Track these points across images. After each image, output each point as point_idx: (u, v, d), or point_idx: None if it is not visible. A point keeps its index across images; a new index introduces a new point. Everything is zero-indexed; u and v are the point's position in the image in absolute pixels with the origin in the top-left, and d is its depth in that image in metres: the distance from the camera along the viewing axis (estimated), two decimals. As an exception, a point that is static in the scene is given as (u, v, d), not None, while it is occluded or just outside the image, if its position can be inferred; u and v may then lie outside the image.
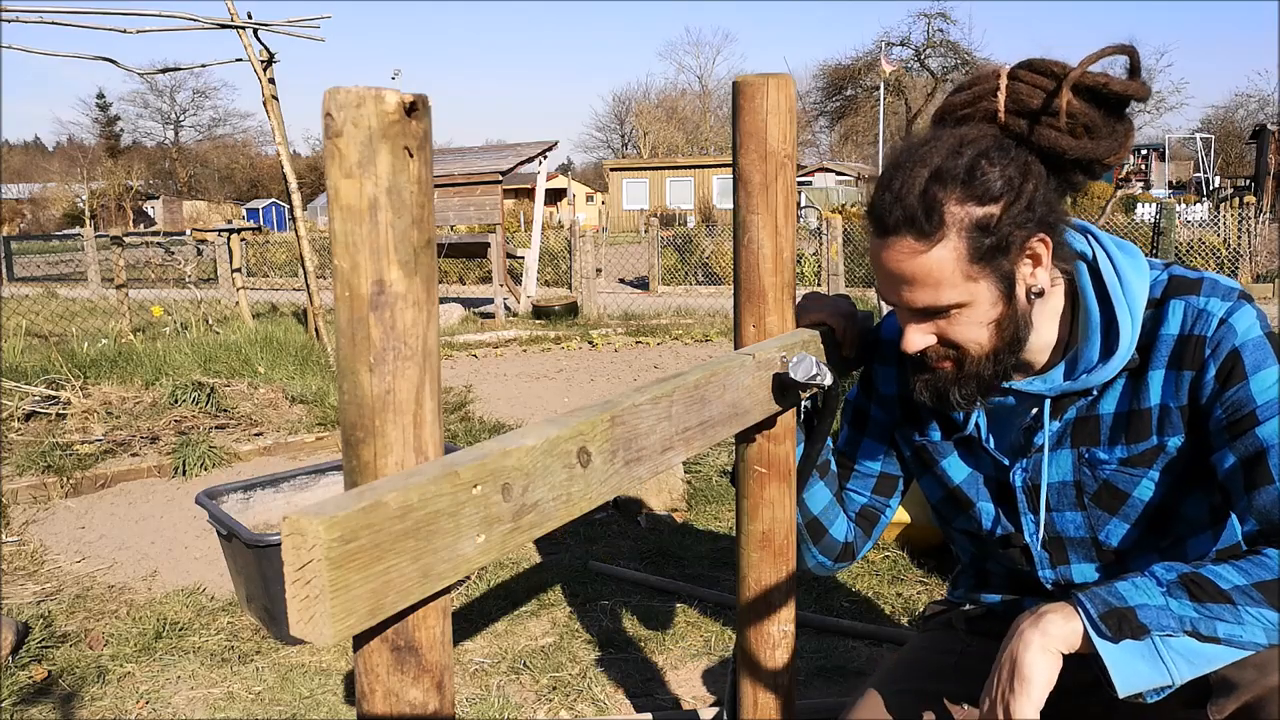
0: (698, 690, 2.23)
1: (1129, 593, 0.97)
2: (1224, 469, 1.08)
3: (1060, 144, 1.06)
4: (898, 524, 2.94)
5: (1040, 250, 1.09)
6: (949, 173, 1.05)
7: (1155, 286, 1.13)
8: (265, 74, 6.45)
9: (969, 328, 1.10)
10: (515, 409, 5.38)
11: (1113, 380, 1.14)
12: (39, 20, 5.71)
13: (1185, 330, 1.10)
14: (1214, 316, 1.08)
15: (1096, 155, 1.07)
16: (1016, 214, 1.05)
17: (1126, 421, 1.15)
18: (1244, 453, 1.05)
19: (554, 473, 0.77)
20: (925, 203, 1.05)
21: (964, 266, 1.06)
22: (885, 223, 1.08)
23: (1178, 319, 1.10)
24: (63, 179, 49.06)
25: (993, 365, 1.13)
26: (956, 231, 1.05)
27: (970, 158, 1.06)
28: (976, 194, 1.05)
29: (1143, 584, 0.98)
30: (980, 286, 1.08)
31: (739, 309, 1.23)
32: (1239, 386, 1.06)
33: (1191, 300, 1.10)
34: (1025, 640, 0.97)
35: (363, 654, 0.68)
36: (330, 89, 0.62)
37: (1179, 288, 1.12)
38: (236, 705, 2.21)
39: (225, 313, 8.82)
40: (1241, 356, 1.06)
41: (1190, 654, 0.94)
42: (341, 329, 0.66)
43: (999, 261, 1.07)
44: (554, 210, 36.94)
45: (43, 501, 3.79)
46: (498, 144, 15.05)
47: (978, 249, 1.05)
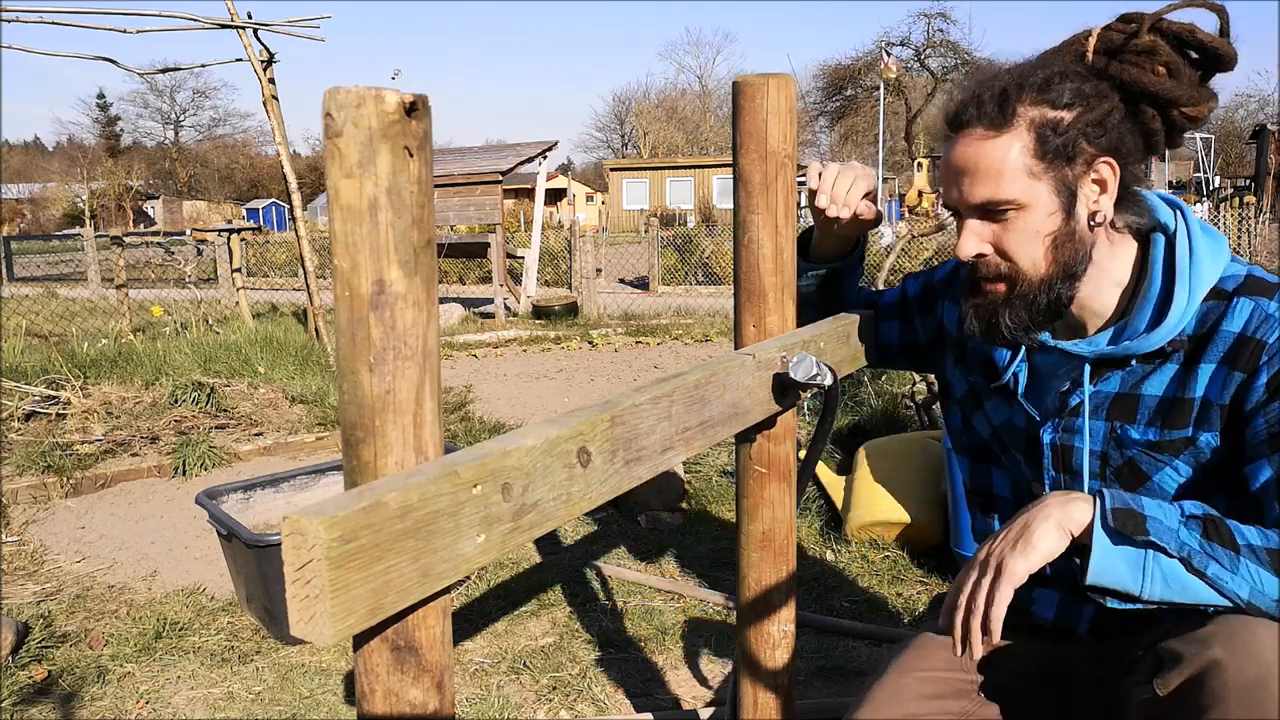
0: (698, 690, 2.23)
1: (1150, 506, 0.98)
2: (1258, 481, 1.05)
3: (1140, 79, 1.09)
4: (897, 524, 2.94)
5: (1107, 175, 1.09)
6: (1027, 79, 1.09)
7: (1229, 280, 1.11)
8: (265, 74, 6.46)
9: (1025, 236, 1.10)
10: (515, 409, 5.38)
11: (1163, 363, 1.13)
12: (39, 20, 5.71)
13: (1247, 331, 1.08)
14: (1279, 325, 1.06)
15: (1174, 96, 1.08)
16: (1086, 125, 1.07)
17: (1167, 407, 1.13)
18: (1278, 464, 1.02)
19: (554, 472, 0.77)
20: (1000, 98, 1.09)
21: (1027, 160, 1.08)
22: (960, 118, 1.11)
23: (1243, 317, 1.08)
24: (63, 179, 49.07)
25: (1046, 291, 1.12)
26: (1026, 126, 1.08)
27: (1049, 72, 1.10)
28: (1050, 98, 1.08)
29: (1166, 507, 0.99)
30: (1041, 187, 1.08)
31: (739, 309, 1.23)
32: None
33: (1262, 303, 1.08)
34: (1046, 512, 0.98)
35: (363, 654, 0.68)
36: (330, 89, 0.62)
37: (1253, 287, 1.10)
38: (236, 705, 2.21)
39: (225, 313, 8.82)
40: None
41: (1172, 578, 0.95)
42: (341, 329, 0.66)
43: (1062, 167, 1.08)
44: (554, 210, 36.95)
45: (43, 501, 3.79)
46: (498, 144, 15.05)
47: (1044, 146, 1.07)
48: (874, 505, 2.98)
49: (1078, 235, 1.11)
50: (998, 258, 1.13)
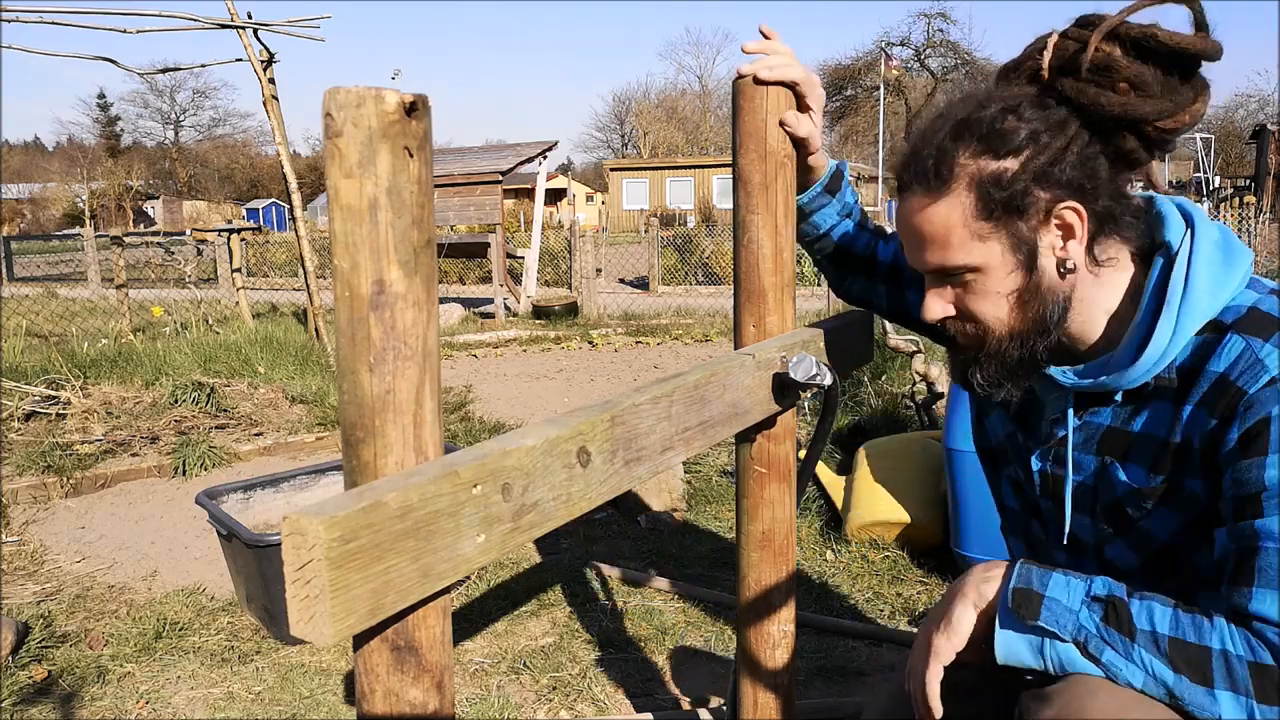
0: (698, 690, 2.23)
1: (1055, 585, 0.96)
2: (1219, 547, 0.99)
3: (1098, 100, 0.95)
4: (897, 524, 2.94)
5: (1072, 220, 0.98)
6: (968, 126, 0.99)
7: (1231, 311, 0.98)
8: (265, 74, 6.46)
9: (986, 299, 1.02)
10: (515, 409, 5.38)
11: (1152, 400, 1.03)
12: (39, 20, 5.71)
13: (1231, 374, 0.95)
14: (1267, 373, 0.93)
15: (1141, 115, 0.95)
16: (1036, 170, 0.96)
17: (1154, 449, 1.03)
18: (1238, 542, 0.94)
19: (554, 473, 0.77)
20: (937, 157, 0.99)
21: (972, 223, 0.99)
22: (901, 178, 1.03)
23: (1229, 358, 0.96)
24: (63, 179, 49.08)
25: (1018, 347, 1.03)
26: (966, 184, 0.98)
27: (995, 111, 0.98)
28: (993, 147, 0.97)
29: (1074, 585, 0.96)
30: (993, 248, 0.99)
31: (739, 309, 1.23)
32: (1255, 462, 0.92)
33: (1254, 344, 0.95)
34: (964, 590, 1.01)
35: (363, 654, 0.68)
36: (330, 89, 0.62)
37: (1253, 323, 0.96)
38: (236, 705, 2.21)
39: (225, 313, 8.82)
40: (1270, 430, 0.91)
41: (1068, 662, 0.94)
42: (341, 329, 0.66)
43: (1013, 222, 0.98)
44: (554, 210, 36.95)
45: (43, 501, 3.79)
46: (498, 144, 15.05)
47: (988, 204, 0.97)
48: (874, 505, 2.98)
49: (1045, 288, 1.01)
50: (962, 319, 1.05)
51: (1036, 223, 0.98)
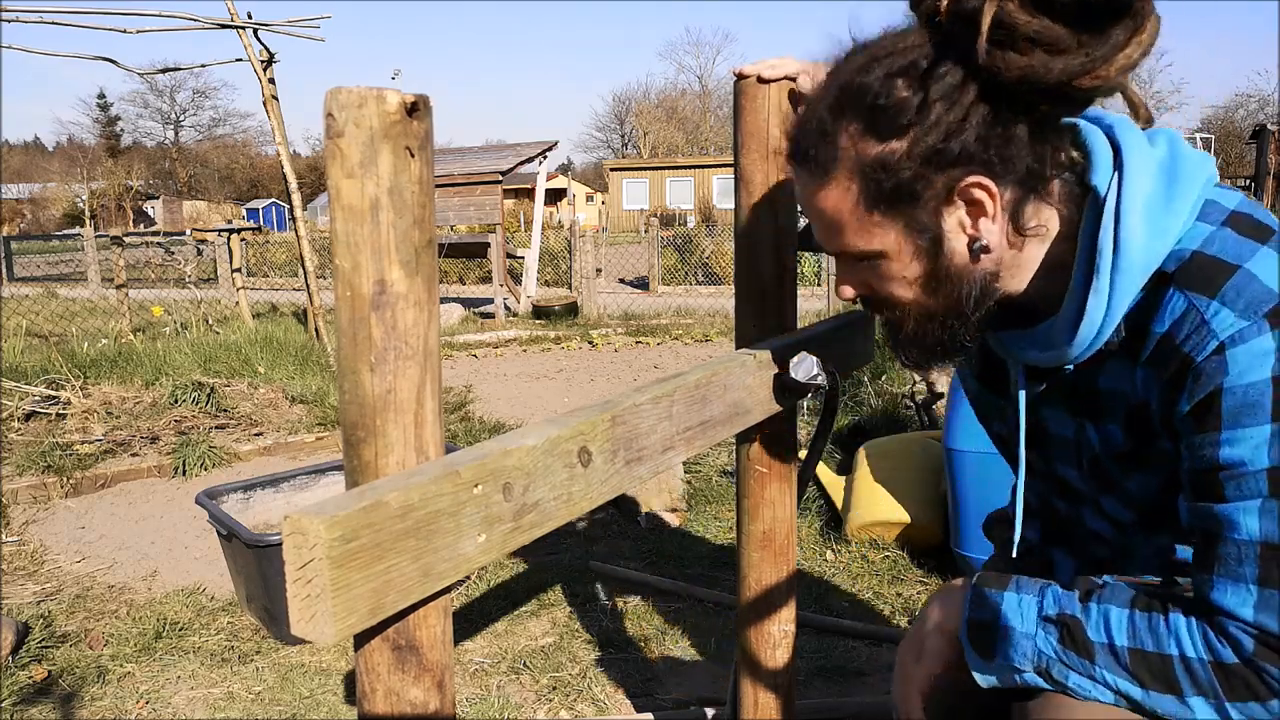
0: (698, 690, 2.23)
1: (1009, 610, 0.92)
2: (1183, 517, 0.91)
3: (996, 65, 0.79)
4: (897, 524, 2.94)
5: (981, 197, 0.85)
6: (849, 97, 0.85)
7: (1174, 258, 0.86)
8: (265, 74, 6.46)
9: (892, 283, 0.93)
10: (515, 409, 5.38)
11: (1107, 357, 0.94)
12: (39, 20, 5.71)
13: (1175, 338, 0.85)
14: (1213, 339, 0.82)
15: (1048, 80, 0.79)
16: (926, 151, 0.83)
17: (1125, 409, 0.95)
18: (1199, 522, 0.87)
19: (555, 472, 0.77)
20: (818, 133, 0.88)
21: (861, 214, 0.88)
22: (788, 151, 0.93)
23: (1171, 318, 0.86)
24: (63, 179, 49.09)
25: (936, 330, 0.95)
26: (848, 171, 0.87)
27: (879, 77, 0.84)
28: (876, 125, 0.84)
29: (1027, 604, 0.92)
30: (889, 235, 0.89)
31: (739, 309, 1.23)
32: (1209, 439, 0.84)
33: (1198, 302, 0.84)
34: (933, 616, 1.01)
35: (363, 653, 0.68)
36: (332, 89, 0.62)
37: (1197, 274, 0.84)
38: (236, 705, 2.21)
39: (225, 313, 8.82)
40: (1221, 404, 0.82)
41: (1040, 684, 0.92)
42: (343, 329, 0.66)
43: (909, 210, 0.87)
44: (554, 210, 36.96)
45: (43, 501, 3.79)
46: (498, 144, 15.05)
47: (875, 193, 0.86)
48: (874, 505, 2.98)
49: (955, 272, 0.90)
50: (876, 302, 0.97)
51: (936, 205, 0.87)
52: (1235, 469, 0.82)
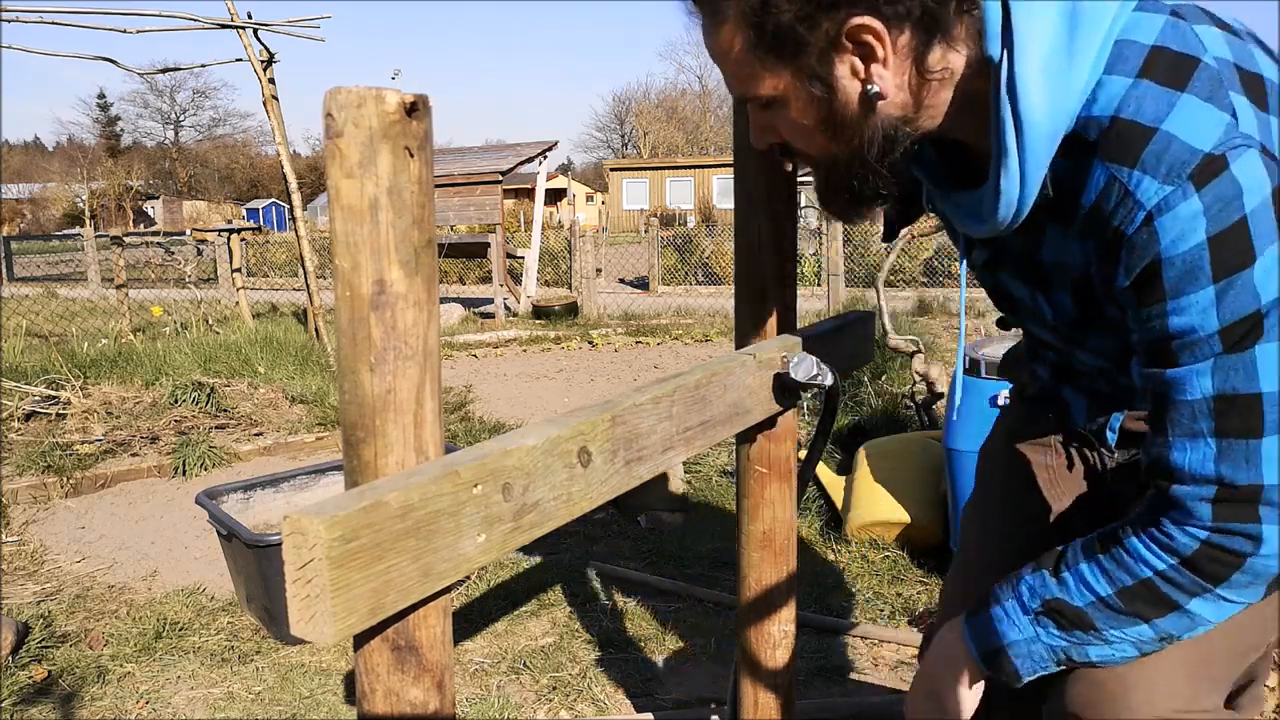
0: (698, 690, 2.23)
1: (1005, 626, 0.94)
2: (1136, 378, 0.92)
3: None
4: (897, 524, 2.94)
5: (869, 41, 0.81)
6: None
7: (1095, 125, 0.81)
8: (265, 74, 6.46)
9: (794, 131, 0.91)
10: (515, 409, 5.38)
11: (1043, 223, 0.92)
12: (39, 20, 5.71)
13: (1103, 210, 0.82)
14: (1140, 210, 0.79)
15: None
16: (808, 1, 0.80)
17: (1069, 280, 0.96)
18: (1152, 387, 0.86)
19: (555, 472, 0.77)
20: None
21: (752, 59, 0.85)
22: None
23: (1095, 190, 0.83)
24: (63, 179, 49.11)
25: (846, 178, 0.91)
26: (736, 16, 0.84)
27: None
28: None
29: (1015, 613, 0.94)
30: (783, 80, 0.86)
31: (740, 309, 1.23)
32: (1154, 310, 0.82)
33: (1120, 173, 0.80)
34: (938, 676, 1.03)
35: (363, 653, 0.68)
36: (331, 89, 0.62)
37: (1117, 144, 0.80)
38: (236, 705, 2.21)
39: (225, 313, 8.82)
40: (1161, 275, 0.80)
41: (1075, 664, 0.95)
42: (342, 329, 0.66)
43: (796, 56, 0.83)
44: (554, 210, 36.96)
45: (43, 501, 3.79)
46: (498, 144, 15.06)
47: (761, 39, 0.83)
48: (874, 505, 2.98)
49: (851, 120, 0.86)
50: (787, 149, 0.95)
51: (824, 50, 0.82)
52: (1185, 336, 0.81)
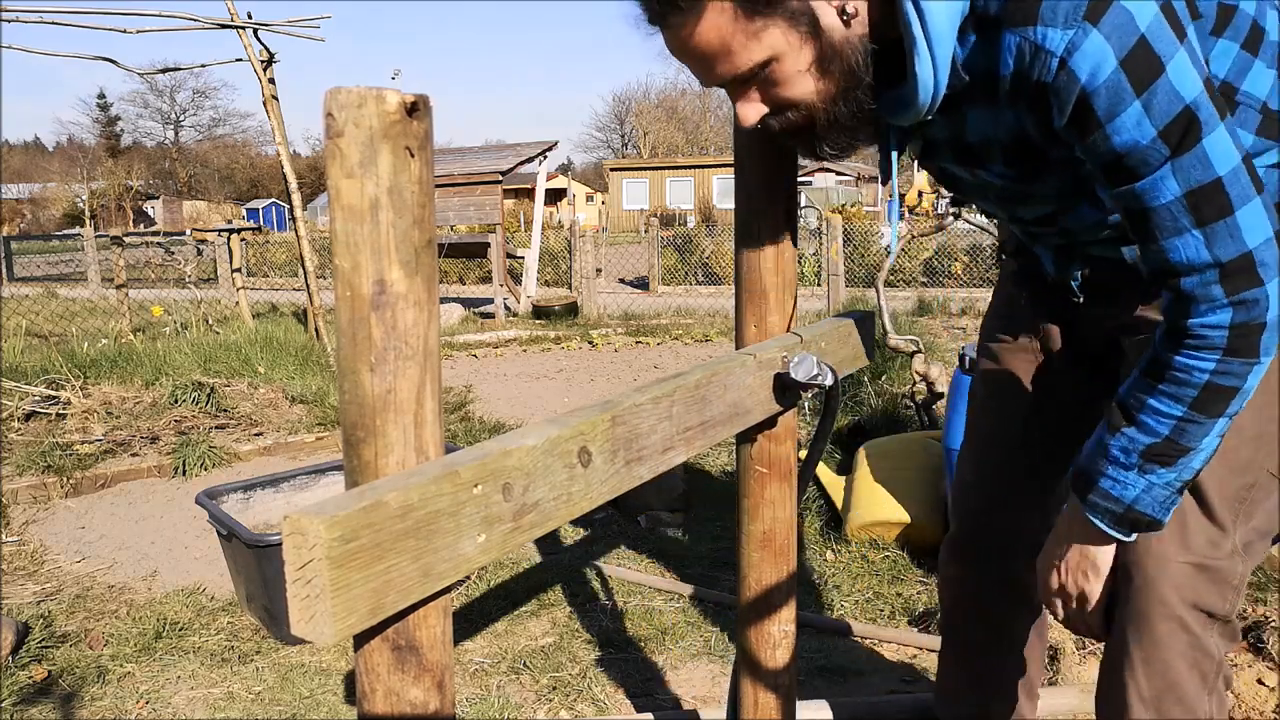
0: (698, 690, 2.23)
1: (1118, 491, 1.06)
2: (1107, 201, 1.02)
3: None
4: (897, 524, 2.94)
5: None
6: None
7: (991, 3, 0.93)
8: (265, 74, 6.46)
9: (791, 83, 0.99)
10: (515, 409, 5.38)
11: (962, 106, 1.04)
12: (39, 20, 5.71)
13: (1023, 71, 0.93)
14: (1053, 58, 0.89)
15: None
16: None
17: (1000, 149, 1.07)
18: (1124, 204, 0.97)
19: (555, 472, 0.77)
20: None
21: (744, 25, 0.94)
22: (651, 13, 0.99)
23: (1011, 58, 0.93)
24: (63, 179, 49.10)
25: (844, 107, 1.00)
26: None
27: None
28: None
29: (1119, 475, 1.05)
30: (773, 36, 0.95)
31: (740, 309, 1.23)
32: (1096, 138, 0.92)
33: (1027, 34, 0.90)
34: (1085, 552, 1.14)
35: (363, 653, 0.68)
36: (331, 89, 0.62)
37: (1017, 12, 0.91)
38: (236, 705, 2.21)
39: (225, 313, 8.82)
40: (1091, 106, 0.90)
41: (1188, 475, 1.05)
42: (342, 329, 0.66)
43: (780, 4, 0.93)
44: (554, 210, 36.95)
45: (43, 501, 3.79)
46: (498, 144, 15.06)
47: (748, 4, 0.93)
48: (874, 505, 2.98)
49: (839, 44, 0.97)
50: (783, 112, 1.02)
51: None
52: (1133, 152, 0.91)
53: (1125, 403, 1.04)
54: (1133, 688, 1.17)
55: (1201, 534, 1.14)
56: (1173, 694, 1.16)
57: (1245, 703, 2.00)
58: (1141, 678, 1.17)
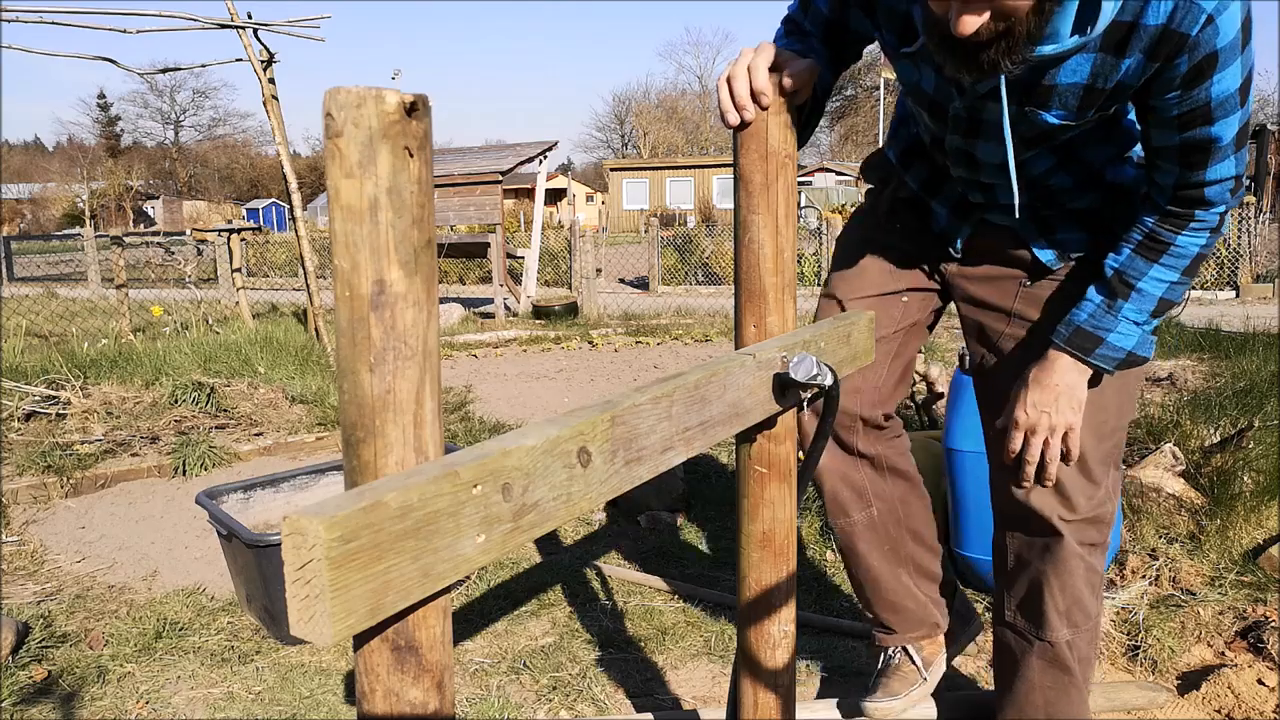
0: (698, 690, 2.23)
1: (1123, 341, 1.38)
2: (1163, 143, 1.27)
3: None
4: (898, 524, 2.93)
5: None
6: None
7: None
8: (265, 74, 6.45)
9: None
10: (515, 409, 5.38)
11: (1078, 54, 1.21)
12: (39, 20, 5.71)
13: (1171, 23, 1.13)
14: (1203, 13, 1.12)
15: None
16: None
17: (1081, 93, 1.26)
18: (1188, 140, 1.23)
19: (554, 473, 0.77)
20: None
21: None
22: None
23: (1166, 10, 1.13)
24: (63, 179, 49.10)
25: (1038, 18, 1.13)
26: None
27: None
28: None
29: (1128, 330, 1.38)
30: None
31: (739, 309, 1.23)
32: (1204, 86, 1.17)
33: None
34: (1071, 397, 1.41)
35: (363, 654, 0.68)
36: (331, 89, 0.62)
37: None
38: (236, 705, 2.21)
39: (225, 313, 8.83)
40: (1216, 57, 1.15)
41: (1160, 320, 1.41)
42: (342, 329, 0.66)
43: None
44: (554, 210, 36.93)
45: (43, 501, 3.79)
46: (498, 144, 15.06)
47: None
48: (874, 505, 2.98)
49: None
50: (995, 19, 1.13)
51: None
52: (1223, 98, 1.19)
53: (1124, 276, 1.36)
54: (1050, 604, 1.57)
55: (1084, 495, 1.51)
56: (1078, 606, 1.57)
57: (1245, 703, 2.00)
58: (1057, 596, 1.57)
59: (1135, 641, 2.27)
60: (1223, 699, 2.02)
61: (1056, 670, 1.60)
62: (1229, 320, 7.15)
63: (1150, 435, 3.40)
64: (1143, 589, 2.46)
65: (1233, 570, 2.52)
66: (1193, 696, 2.05)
